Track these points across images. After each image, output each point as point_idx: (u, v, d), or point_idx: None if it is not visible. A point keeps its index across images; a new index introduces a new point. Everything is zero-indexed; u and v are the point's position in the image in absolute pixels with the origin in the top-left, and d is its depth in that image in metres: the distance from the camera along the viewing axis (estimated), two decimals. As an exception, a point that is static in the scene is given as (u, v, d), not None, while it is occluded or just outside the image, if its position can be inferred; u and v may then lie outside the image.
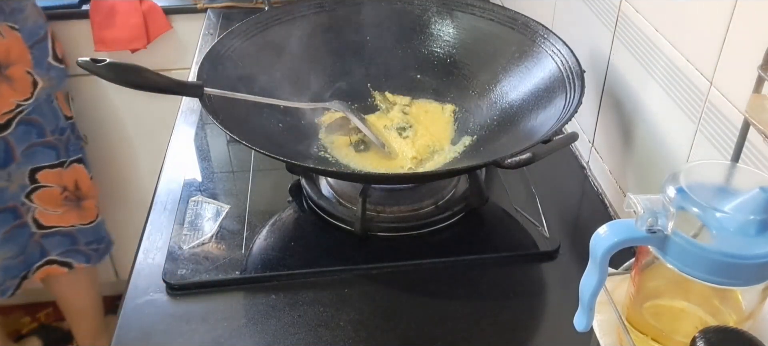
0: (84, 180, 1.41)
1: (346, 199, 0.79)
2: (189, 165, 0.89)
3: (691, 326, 0.48)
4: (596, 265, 0.47)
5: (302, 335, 0.64)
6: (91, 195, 1.44)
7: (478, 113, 0.87)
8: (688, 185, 0.44)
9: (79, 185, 1.41)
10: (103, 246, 1.51)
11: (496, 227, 0.80)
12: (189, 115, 1.00)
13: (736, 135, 0.56)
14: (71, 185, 1.39)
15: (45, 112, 1.29)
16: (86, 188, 1.42)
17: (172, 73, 0.89)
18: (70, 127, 1.39)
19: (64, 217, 1.40)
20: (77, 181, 1.40)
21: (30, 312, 1.80)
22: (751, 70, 0.52)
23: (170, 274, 0.70)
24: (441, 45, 0.93)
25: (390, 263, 0.72)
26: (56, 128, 1.33)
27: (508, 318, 0.66)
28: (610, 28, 0.79)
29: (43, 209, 1.36)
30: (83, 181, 1.41)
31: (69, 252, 1.45)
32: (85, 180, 1.42)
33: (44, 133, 1.30)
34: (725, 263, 0.42)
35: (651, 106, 0.72)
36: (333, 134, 0.86)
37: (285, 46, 0.89)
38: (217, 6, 1.40)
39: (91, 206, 1.45)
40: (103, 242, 1.51)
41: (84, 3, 1.39)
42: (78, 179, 1.40)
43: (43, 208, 1.36)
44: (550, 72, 0.80)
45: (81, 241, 1.46)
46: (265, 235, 0.77)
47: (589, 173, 0.88)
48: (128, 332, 0.65)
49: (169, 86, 0.73)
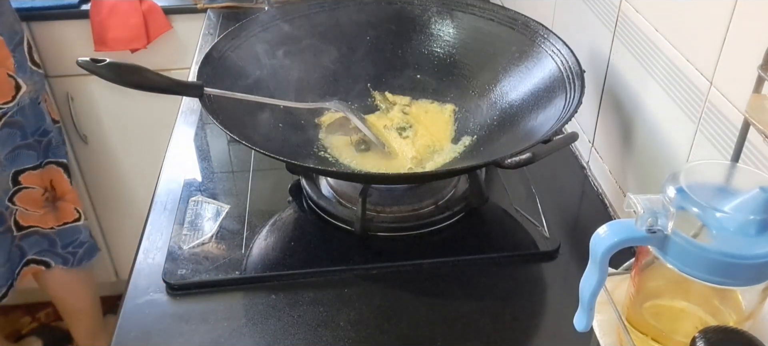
0: (60, 182, 1.40)
1: (346, 199, 0.79)
2: (189, 165, 0.89)
3: (691, 326, 0.48)
4: (596, 265, 0.47)
5: (302, 335, 0.64)
6: (68, 198, 1.42)
7: (478, 113, 0.87)
8: (688, 185, 0.44)
9: (54, 185, 1.39)
10: (83, 250, 1.48)
11: (496, 227, 0.80)
12: (189, 115, 1.00)
13: (736, 135, 0.56)
14: (48, 186, 1.38)
15: (28, 115, 1.28)
16: (62, 190, 1.40)
17: (172, 73, 0.89)
18: (57, 131, 1.38)
19: (43, 218, 1.39)
20: (52, 181, 1.39)
21: (30, 312, 1.80)
22: (751, 70, 0.52)
23: (170, 274, 0.70)
24: (441, 45, 0.93)
25: (390, 263, 0.72)
26: (38, 130, 1.32)
27: (508, 318, 0.66)
28: (610, 28, 0.79)
29: (24, 209, 1.35)
30: (59, 182, 1.40)
31: (45, 252, 1.43)
32: (62, 182, 1.40)
33: (26, 135, 1.29)
34: (725, 263, 0.42)
35: (651, 106, 0.72)
36: (333, 134, 0.86)
37: (285, 46, 0.89)
38: (217, 6, 1.40)
39: (69, 209, 1.43)
40: (82, 247, 1.48)
41: (84, 3, 1.39)
42: (53, 179, 1.39)
43: (24, 209, 1.35)
44: (550, 72, 0.80)
45: (58, 244, 1.44)
46: (265, 235, 0.77)
47: (589, 173, 0.88)
48: (128, 332, 0.65)
49: (169, 86, 0.73)
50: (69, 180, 1.41)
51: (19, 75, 1.25)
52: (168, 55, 1.44)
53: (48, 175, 1.37)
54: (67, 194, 1.42)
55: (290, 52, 0.89)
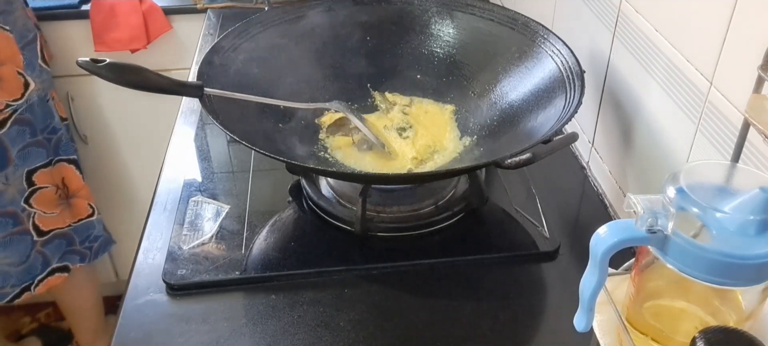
0: (72, 178, 1.41)
1: (346, 199, 0.79)
2: (189, 165, 0.89)
3: (691, 326, 0.48)
4: (596, 265, 0.47)
5: (302, 335, 0.64)
6: (81, 194, 1.43)
7: (478, 113, 0.87)
8: (688, 185, 0.44)
9: (66, 182, 1.40)
10: (98, 244, 1.51)
11: (496, 227, 0.80)
12: (189, 115, 1.00)
13: (736, 135, 0.56)
14: (60, 183, 1.39)
15: (36, 113, 1.29)
16: (75, 186, 1.42)
17: (172, 73, 0.89)
18: (65, 129, 1.39)
19: (60, 217, 1.40)
20: (64, 179, 1.40)
21: (30, 312, 1.80)
22: (751, 70, 0.52)
23: (170, 274, 0.70)
24: (441, 45, 0.93)
25: (390, 263, 0.72)
26: (47, 128, 1.33)
27: (508, 318, 0.66)
28: (610, 28, 0.79)
29: (43, 212, 1.36)
30: (71, 179, 1.41)
31: (66, 254, 1.44)
32: (74, 178, 1.41)
33: (36, 133, 1.30)
34: (725, 263, 0.42)
35: (651, 106, 0.72)
36: (333, 134, 0.87)
37: (285, 46, 0.89)
38: (217, 6, 1.40)
39: (83, 205, 1.44)
40: (97, 240, 1.51)
41: (84, 3, 1.39)
42: (65, 176, 1.40)
43: (42, 211, 1.36)
44: (550, 72, 0.80)
45: (76, 240, 1.46)
46: (265, 235, 0.77)
47: (589, 173, 0.88)
48: (128, 332, 0.65)
49: (169, 86, 0.73)
50: (81, 176, 1.42)
51: (28, 73, 1.25)
52: (168, 56, 1.44)
53: (59, 172, 1.38)
54: (80, 191, 1.43)
55: (290, 52, 0.89)
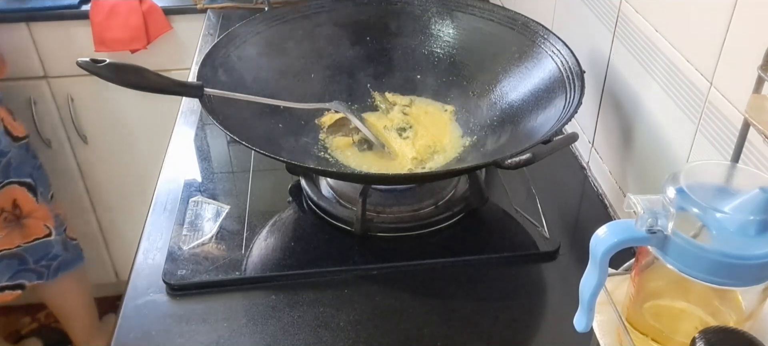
0: (25, 201, 1.35)
1: (346, 199, 0.79)
2: (189, 165, 0.89)
3: (691, 326, 0.48)
4: (596, 265, 0.47)
5: (302, 336, 0.64)
6: (36, 215, 1.38)
7: (478, 113, 0.87)
8: (688, 185, 0.44)
9: (17, 203, 1.35)
10: (57, 263, 1.44)
11: (496, 227, 0.80)
12: (189, 115, 1.00)
13: (736, 135, 0.56)
14: (9, 206, 1.34)
15: None
16: (28, 208, 1.36)
17: (172, 73, 0.89)
18: (22, 148, 1.34)
19: (7, 239, 1.35)
20: (15, 200, 1.34)
21: (30, 312, 1.80)
22: (751, 70, 0.52)
23: (170, 274, 0.70)
24: (441, 45, 0.93)
25: (390, 263, 0.72)
26: None
27: (508, 318, 0.66)
28: (610, 28, 0.79)
29: None
30: (23, 200, 1.35)
31: (18, 273, 1.39)
32: (27, 201, 1.36)
33: None
34: (725, 264, 0.42)
35: (651, 106, 0.72)
36: (333, 135, 0.86)
37: (285, 46, 0.89)
38: (217, 6, 1.40)
39: (37, 225, 1.39)
40: (56, 259, 1.44)
41: (84, 3, 1.39)
42: (16, 198, 1.34)
43: None
44: (550, 72, 0.80)
45: (30, 260, 1.40)
46: (265, 235, 0.77)
47: (589, 173, 0.88)
48: (128, 333, 0.65)
49: (169, 87, 0.73)
50: (35, 199, 1.37)
51: None
52: (168, 56, 1.44)
53: (9, 195, 1.33)
54: (35, 212, 1.37)
55: (290, 52, 0.89)
